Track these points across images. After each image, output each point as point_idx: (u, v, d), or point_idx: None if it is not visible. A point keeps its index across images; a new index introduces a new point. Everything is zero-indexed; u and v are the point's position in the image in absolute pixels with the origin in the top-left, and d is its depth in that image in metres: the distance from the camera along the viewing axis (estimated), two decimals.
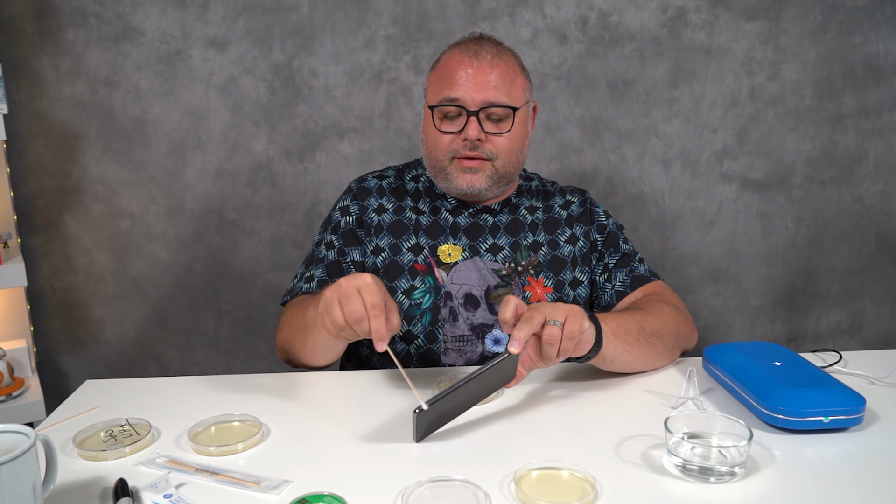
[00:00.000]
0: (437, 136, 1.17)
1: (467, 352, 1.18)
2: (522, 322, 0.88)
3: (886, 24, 1.91)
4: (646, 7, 1.87)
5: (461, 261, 1.20)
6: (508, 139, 1.16)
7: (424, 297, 1.18)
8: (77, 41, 1.79)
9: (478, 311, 1.18)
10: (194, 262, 1.93)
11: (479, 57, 1.14)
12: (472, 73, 1.14)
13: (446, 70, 1.16)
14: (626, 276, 1.24)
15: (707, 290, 2.05)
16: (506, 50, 1.19)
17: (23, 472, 0.66)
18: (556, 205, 1.29)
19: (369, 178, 1.29)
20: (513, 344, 0.86)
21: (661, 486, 0.77)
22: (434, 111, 1.17)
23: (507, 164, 1.18)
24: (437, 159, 1.18)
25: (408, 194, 1.27)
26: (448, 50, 1.20)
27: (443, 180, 1.20)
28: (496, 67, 1.14)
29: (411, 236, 1.22)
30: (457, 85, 1.14)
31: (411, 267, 1.20)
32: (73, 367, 1.96)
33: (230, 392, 1.04)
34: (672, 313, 1.13)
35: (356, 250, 1.23)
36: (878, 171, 2.01)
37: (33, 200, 1.85)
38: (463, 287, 1.19)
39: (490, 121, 1.15)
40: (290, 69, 1.84)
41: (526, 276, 1.21)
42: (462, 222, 1.24)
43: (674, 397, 0.99)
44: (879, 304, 2.10)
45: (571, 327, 0.90)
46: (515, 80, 1.17)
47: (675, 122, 1.94)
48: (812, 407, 0.87)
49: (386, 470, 0.81)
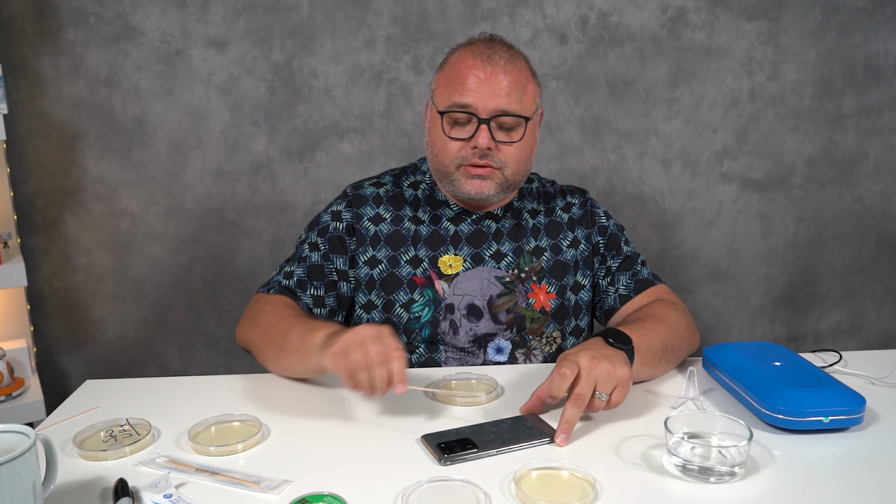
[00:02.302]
0: (446, 141, 1.13)
1: (469, 362, 1.17)
2: (571, 405, 0.87)
3: (886, 24, 1.91)
4: (646, 7, 1.87)
5: (463, 271, 1.18)
6: (518, 148, 1.13)
7: (423, 310, 1.16)
8: (77, 41, 1.79)
9: (481, 322, 1.16)
10: (194, 262, 1.93)
11: (493, 62, 1.10)
12: (485, 78, 1.09)
13: (457, 73, 1.11)
14: (630, 280, 1.22)
15: (707, 290, 2.05)
16: (518, 54, 1.15)
17: (23, 472, 0.66)
18: (558, 207, 1.26)
19: (366, 186, 1.24)
20: (560, 437, 0.85)
21: (661, 486, 0.77)
22: (443, 116, 1.12)
23: (515, 172, 1.15)
24: (444, 165, 1.15)
25: (406, 203, 1.22)
26: (458, 50, 1.15)
27: (448, 185, 1.17)
28: (509, 74, 1.10)
29: (410, 248, 1.19)
30: (468, 90, 1.09)
31: (410, 280, 1.17)
32: (73, 367, 1.96)
33: (230, 392, 1.04)
34: (684, 323, 1.12)
35: (341, 259, 1.19)
36: (878, 171, 2.01)
37: (33, 200, 1.85)
38: (465, 298, 1.17)
39: (501, 129, 1.11)
40: (290, 69, 1.84)
41: (529, 283, 1.19)
42: (465, 230, 1.21)
43: (674, 397, 0.99)
44: (879, 304, 2.10)
45: (617, 399, 0.89)
46: (527, 87, 1.13)
47: (675, 122, 1.94)
48: (812, 407, 0.87)
49: (386, 470, 0.81)
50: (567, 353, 0.92)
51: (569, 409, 0.87)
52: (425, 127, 1.21)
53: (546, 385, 0.91)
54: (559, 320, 1.20)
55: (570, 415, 0.86)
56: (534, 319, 1.18)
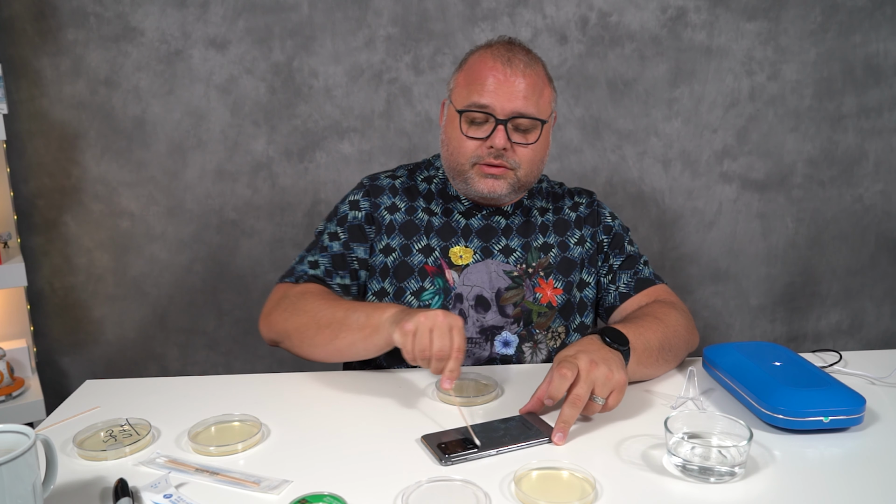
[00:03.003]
0: (462, 140, 1.15)
1: (476, 353, 1.18)
2: (569, 406, 0.88)
3: (886, 24, 1.91)
4: (646, 7, 1.87)
5: (472, 263, 1.20)
6: (532, 151, 1.15)
7: (434, 298, 1.18)
8: (77, 41, 1.79)
9: (488, 314, 1.18)
10: (194, 262, 1.93)
11: (512, 65, 1.12)
12: (504, 80, 1.11)
13: (477, 73, 1.14)
14: (631, 279, 1.24)
15: (707, 290, 2.05)
16: (536, 59, 1.17)
17: (23, 472, 0.66)
18: (566, 206, 1.29)
19: (382, 177, 1.28)
20: (557, 436, 0.87)
21: (661, 486, 0.77)
22: (461, 115, 1.14)
23: (528, 174, 1.17)
24: (459, 163, 1.17)
25: (420, 195, 1.26)
26: (478, 52, 1.17)
27: (461, 183, 1.19)
28: (528, 77, 1.12)
29: (422, 237, 1.22)
30: (487, 91, 1.11)
31: (421, 268, 1.20)
32: (73, 367, 1.96)
33: (230, 392, 1.04)
34: (683, 323, 1.14)
35: (361, 247, 1.22)
36: (878, 171, 2.01)
37: (33, 200, 1.85)
38: (474, 289, 1.19)
39: (517, 131, 1.14)
40: (290, 69, 1.84)
41: (536, 278, 1.21)
42: (475, 224, 1.23)
43: (674, 397, 0.99)
44: (879, 304, 2.10)
45: (613, 403, 0.90)
46: (544, 91, 1.15)
47: (675, 122, 1.94)
48: (812, 407, 0.87)
49: (386, 470, 0.81)
50: (565, 352, 0.93)
51: (566, 410, 0.88)
52: (440, 126, 1.23)
53: (545, 386, 0.92)
54: (565, 316, 1.21)
55: (567, 415, 0.87)
56: (541, 314, 1.20)
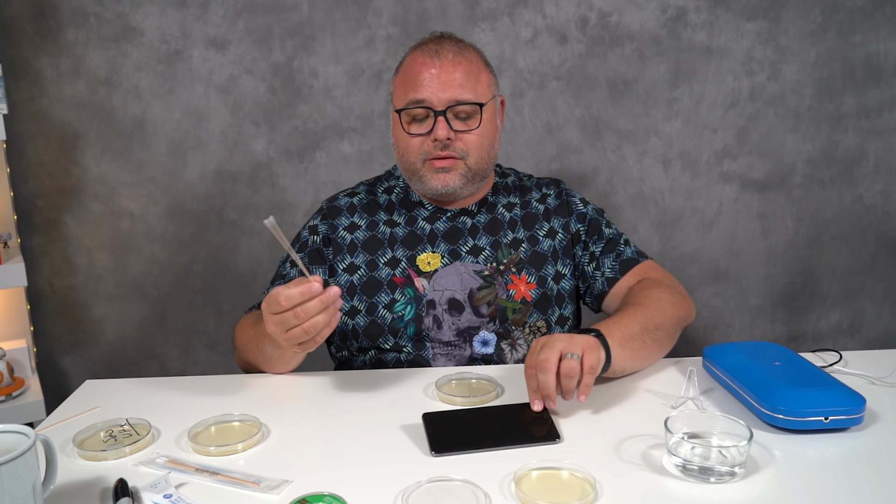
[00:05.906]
0: (407, 139, 1.17)
1: (456, 356, 1.18)
2: (541, 371, 0.90)
3: (886, 24, 1.91)
4: (646, 7, 1.87)
5: (441, 267, 1.20)
6: (478, 136, 1.16)
7: (406, 308, 1.18)
8: (77, 41, 1.79)
9: (463, 315, 1.18)
10: (194, 262, 1.93)
11: (441, 56, 1.14)
12: (436, 72, 1.13)
13: (410, 72, 1.16)
14: (615, 262, 1.24)
15: (707, 290, 2.05)
16: (468, 47, 1.19)
17: (23, 472, 0.66)
18: (533, 199, 1.28)
19: (340, 197, 1.29)
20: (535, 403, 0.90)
21: (661, 486, 0.77)
22: (401, 114, 1.17)
23: (479, 160, 1.18)
24: (410, 162, 1.18)
25: (380, 208, 1.26)
26: (410, 52, 1.20)
27: (417, 183, 1.21)
28: (459, 65, 1.14)
29: (387, 250, 1.22)
30: (421, 86, 1.13)
31: (390, 281, 1.20)
32: (73, 367, 1.96)
33: (230, 392, 1.04)
34: (668, 298, 1.13)
35: (320, 269, 1.23)
36: (878, 171, 2.01)
37: (33, 200, 1.85)
38: (445, 293, 1.19)
39: (458, 119, 1.15)
40: (290, 69, 1.85)
41: (508, 275, 1.21)
42: (440, 228, 1.23)
43: (674, 397, 0.99)
44: (879, 304, 2.10)
45: (591, 361, 0.91)
46: (480, 76, 1.17)
47: (675, 122, 1.94)
48: (812, 407, 0.87)
49: (386, 470, 0.81)
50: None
51: (539, 376, 0.90)
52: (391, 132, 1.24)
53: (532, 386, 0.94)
54: (542, 310, 1.21)
55: (542, 381, 0.90)
56: (515, 310, 1.19)
